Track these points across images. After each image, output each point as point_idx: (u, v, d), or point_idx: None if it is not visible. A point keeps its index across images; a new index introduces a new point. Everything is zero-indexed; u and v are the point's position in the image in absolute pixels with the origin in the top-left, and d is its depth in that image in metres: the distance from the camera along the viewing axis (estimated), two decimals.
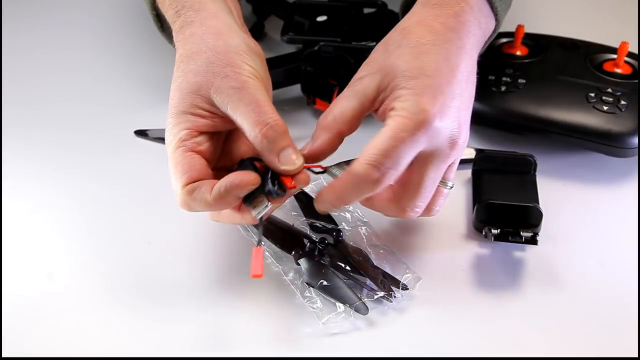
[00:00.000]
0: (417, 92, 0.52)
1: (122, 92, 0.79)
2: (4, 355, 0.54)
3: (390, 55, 0.54)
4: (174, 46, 0.61)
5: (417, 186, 0.54)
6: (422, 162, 0.53)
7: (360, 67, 0.56)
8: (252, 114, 0.52)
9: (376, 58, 0.55)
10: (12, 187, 0.67)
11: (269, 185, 0.52)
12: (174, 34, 0.59)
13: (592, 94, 0.68)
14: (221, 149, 0.57)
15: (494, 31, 0.61)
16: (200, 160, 0.54)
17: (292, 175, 0.53)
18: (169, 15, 0.61)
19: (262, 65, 0.57)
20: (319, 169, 0.55)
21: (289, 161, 0.52)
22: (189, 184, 0.52)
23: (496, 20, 0.61)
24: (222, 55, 0.54)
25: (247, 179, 0.52)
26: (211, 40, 0.55)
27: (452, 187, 0.57)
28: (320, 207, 0.55)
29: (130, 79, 0.80)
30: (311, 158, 0.54)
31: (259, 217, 0.53)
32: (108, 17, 0.90)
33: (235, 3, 0.63)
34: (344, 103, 0.55)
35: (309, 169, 0.54)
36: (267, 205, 0.52)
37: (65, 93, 0.79)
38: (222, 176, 0.53)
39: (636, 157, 0.67)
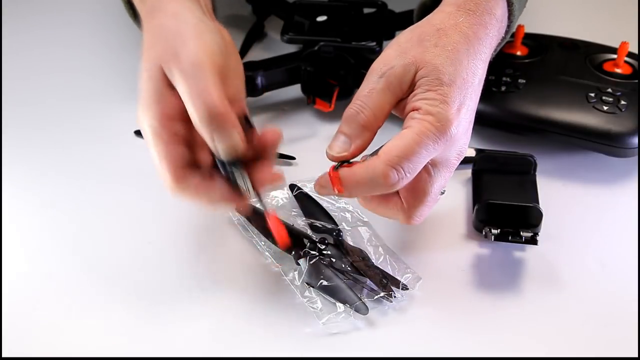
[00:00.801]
0: (446, 100, 0.52)
1: (122, 91, 0.78)
2: (4, 355, 0.54)
3: (426, 50, 0.53)
4: None
5: (425, 194, 0.54)
6: (432, 170, 0.53)
7: (387, 54, 0.54)
8: (190, 97, 0.50)
9: (409, 49, 0.54)
10: (12, 186, 0.67)
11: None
12: (142, 21, 0.58)
13: (592, 94, 0.68)
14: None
15: (502, 40, 0.62)
16: (179, 149, 0.52)
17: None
18: (136, 1, 0.60)
19: (219, 45, 0.54)
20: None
21: (223, 144, 0.51)
22: (177, 176, 0.52)
23: (507, 31, 0.61)
24: (175, 35, 0.53)
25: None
26: (169, 22, 0.54)
27: (443, 193, 0.57)
28: (320, 191, 0.54)
29: (130, 78, 0.79)
30: (353, 157, 0.53)
31: (251, 195, 0.53)
32: (106, 15, 0.90)
33: None
34: (382, 97, 0.53)
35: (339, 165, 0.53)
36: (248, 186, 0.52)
37: (64, 92, 0.79)
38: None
39: (636, 157, 0.67)
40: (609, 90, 0.68)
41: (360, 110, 0.53)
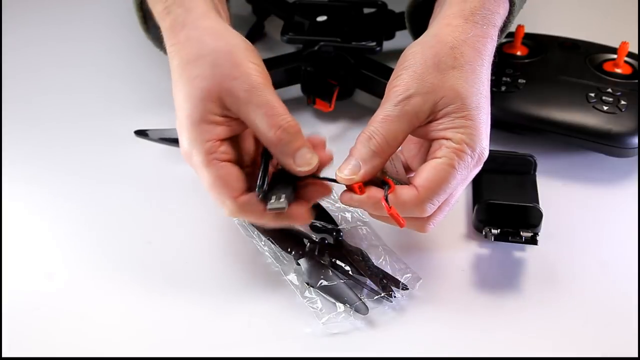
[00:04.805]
0: (477, 125, 0.52)
1: (124, 90, 0.79)
2: (4, 355, 0.54)
3: (444, 76, 0.52)
4: (161, 49, 0.59)
5: (447, 205, 0.54)
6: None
7: (403, 79, 0.53)
8: (265, 118, 0.51)
9: (425, 74, 0.53)
10: (12, 186, 0.67)
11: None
12: (164, 34, 0.57)
13: (592, 94, 0.68)
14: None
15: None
16: (237, 170, 0.53)
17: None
18: (157, 10, 0.58)
19: (260, 59, 0.55)
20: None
21: (304, 161, 0.52)
22: (239, 196, 0.52)
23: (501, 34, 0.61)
24: (227, 55, 0.53)
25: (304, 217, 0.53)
26: (211, 41, 0.54)
27: None
28: (345, 201, 0.54)
29: (132, 77, 0.80)
30: (362, 181, 0.53)
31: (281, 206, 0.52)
32: (109, 16, 0.90)
33: (223, 5, 0.61)
34: (396, 126, 0.52)
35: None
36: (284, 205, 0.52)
37: (65, 91, 0.79)
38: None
39: (636, 157, 0.67)
40: (609, 90, 0.68)
41: (373, 135, 0.52)
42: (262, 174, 0.53)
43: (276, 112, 0.52)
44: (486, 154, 0.53)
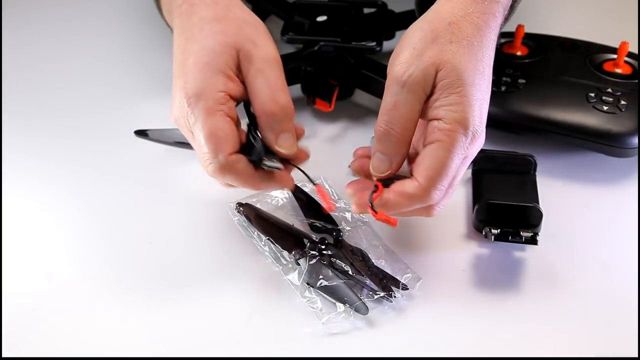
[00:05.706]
0: (469, 102, 0.52)
1: (125, 89, 0.78)
2: (4, 355, 0.54)
3: (442, 49, 0.53)
4: (171, 27, 0.60)
5: (450, 187, 0.54)
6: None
7: (403, 58, 0.53)
8: (269, 90, 0.53)
9: (424, 49, 0.53)
10: (12, 186, 0.67)
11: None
12: None
13: (592, 94, 0.68)
14: None
15: (504, 23, 0.61)
16: (236, 130, 0.53)
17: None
18: None
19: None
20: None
21: (286, 144, 0.54)
22: (232, 153, 0.52)
23: (509, 13, 0.61)
24: (252, 25, 0.56)
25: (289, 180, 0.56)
26: (239, 11, 0.57)
27: None
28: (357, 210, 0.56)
29: (134, 76, 0.80)
30: (395, 172, 0.54)
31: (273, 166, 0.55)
32: (110, 12, 0.90)
33: None
34: (408, 108, 0.52)
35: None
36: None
37: (65, 89, 0.79)
38: None
39: (636, 157, 0.67)
40: (609, 90, 0.68)
41: (390, 127, 0.53)
42: (257, 139, 0.54)
43: (280, 88, 0.54)
44: (481, 132, 0.53)
